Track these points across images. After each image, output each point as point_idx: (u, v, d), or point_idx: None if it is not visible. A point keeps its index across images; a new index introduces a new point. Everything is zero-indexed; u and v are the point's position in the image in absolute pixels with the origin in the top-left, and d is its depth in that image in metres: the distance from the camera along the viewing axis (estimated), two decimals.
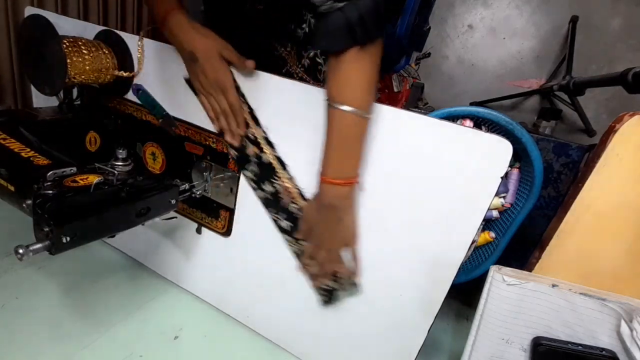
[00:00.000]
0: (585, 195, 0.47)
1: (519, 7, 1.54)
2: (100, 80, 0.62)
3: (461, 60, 1.66)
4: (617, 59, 1.44)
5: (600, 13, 1.43)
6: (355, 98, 0.44)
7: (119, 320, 0.62)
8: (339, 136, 0.46)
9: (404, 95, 1.16)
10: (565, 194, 0.59)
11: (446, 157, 0.45)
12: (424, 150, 0.46)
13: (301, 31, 0.73)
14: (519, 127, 0.60)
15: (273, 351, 0.64)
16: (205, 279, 0.69)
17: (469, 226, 0.46)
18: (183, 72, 0.57)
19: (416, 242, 0.49)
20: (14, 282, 0.65)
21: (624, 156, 0.45)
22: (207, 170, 0.62)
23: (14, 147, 0.50)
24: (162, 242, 0.72)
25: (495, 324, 0.50)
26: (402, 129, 0.47)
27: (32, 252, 0.38)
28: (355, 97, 0.44)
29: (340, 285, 0.55)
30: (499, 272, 0.49)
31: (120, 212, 0.47)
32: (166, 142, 0.65)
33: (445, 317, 0.79)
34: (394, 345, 0.55)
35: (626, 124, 0.45)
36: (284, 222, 0.57)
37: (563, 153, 0.70)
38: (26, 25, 0.59)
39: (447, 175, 0.45)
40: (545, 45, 1.53)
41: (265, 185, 0.57)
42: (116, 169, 0.55)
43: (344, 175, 0.48)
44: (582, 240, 0.49)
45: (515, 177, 0.68)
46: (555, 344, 0.48)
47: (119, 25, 1.20)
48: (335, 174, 0.47)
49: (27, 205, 0.42)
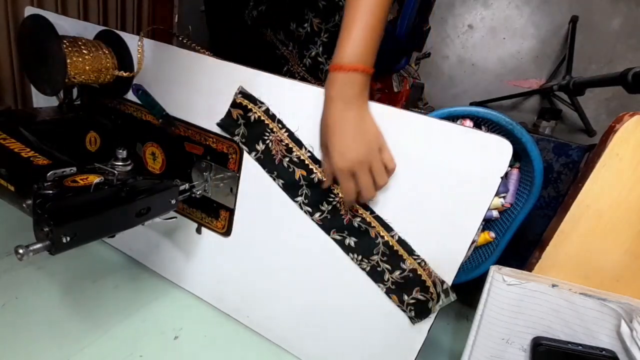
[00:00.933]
0: (585, 195, 0.47)
1: (519, 7, 1.54)
2: (100, 80, 0.62)
3: (461, 60, 1.66)
4: (617, 59, 1.44)
5: (600, 13, 1.43)
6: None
7: (119, 320, 0.62)
8: (367, 8, 0.42)
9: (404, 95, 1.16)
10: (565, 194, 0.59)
11: (446, 157, 0.45)
12: (423, 150, 0.46)
13: (303, 30, 0.73)
14: (519, 127, 0.60)
15: (273, 351, 0.64)
16: (205, 279, 0.69)
17: (469, 226, 0.46)
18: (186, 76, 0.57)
19: (416, 242, 0.49)
20: (14, 282, 0.65)
21: (624, 156, 0.45)
22: (207, 170, 0.62)
23: (14, 147, 0.50)
24: (162, 242, 0.72)
25: (495, 324, 0.50)
26: (402, 129, 0.47)
27: (32, 252, 0.38)
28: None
29: (428, 295, 0.50)
30: (499, 272, 0.49)
31: (120, 212, 0.47)
32: (166, 142, 0.65)
33: (445, 317, 0.79)
34: (394, 345, 0.55)
35: (626, 124, 0.45)
36: (349, 239, 0.53)
37: (563, 153, 0.70)
38: (26, 25, 0.59)
39: (446, 175, 0.45)
40: (545, 45, 1.53)
41: (323, 206, 0.54)
42: (116, 169, 0.55)
43: (364, 60, 0.43)
44: (582, 240, 0.49)
45: (515, 177, 0.68)
46: (555, 344, 0.48)
47: (119, 25, 1.20)
48: (355, 58, 0.43)
49: (27, 205, 0.42)
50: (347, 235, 0.53)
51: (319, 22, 0.71)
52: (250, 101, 0.55)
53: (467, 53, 1.64)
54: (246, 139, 0.56)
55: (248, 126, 0.56)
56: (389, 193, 0.49)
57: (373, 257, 0.52)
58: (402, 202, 0.49)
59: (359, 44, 0.43)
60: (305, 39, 0.74)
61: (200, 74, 0.58)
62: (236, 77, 0.55)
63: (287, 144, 0.53)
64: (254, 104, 0.54)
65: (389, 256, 0.51)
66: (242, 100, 0.55)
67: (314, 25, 0.72)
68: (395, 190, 0.49)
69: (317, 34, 0.72)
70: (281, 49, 0.77)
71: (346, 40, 0.43)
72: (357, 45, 0.43)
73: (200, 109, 0.60)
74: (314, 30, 0.72)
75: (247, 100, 0.55)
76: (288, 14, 0.73)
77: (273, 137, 0.54)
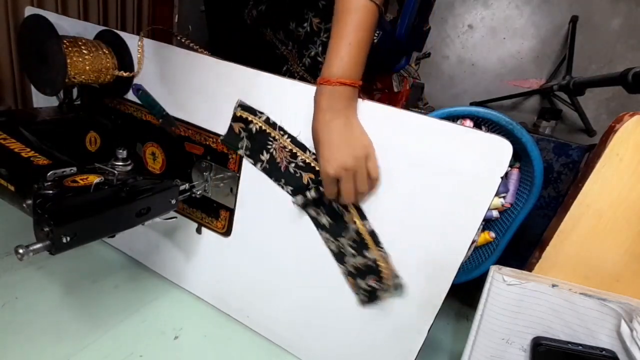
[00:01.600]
0: (585, 195, 0.47)
1: (519, 7, 1.54)
2: (100, 80, 0.62)
3: (461, 60, 1.66)
4: (617, 59, 1.44)
5: (600, 13, 1.43)
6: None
7: (119, 320, 0.62)
8: (353, 27, 0.43)
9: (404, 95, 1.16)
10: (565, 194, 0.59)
11: (446, 157, 0.45)
12: (423, 150, 0.46)
13: (302, 30, 0.73)
14: (519, 127, 0.60)
15: (273, 351, 0.64)
16: (205, 279, 0.69)
17: (469, 226, 0.46)
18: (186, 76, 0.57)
19: (416, 242, 0.49)
20: (14, 282, 0.65)
21: (624, 156, 0.45)
22: (207, 170, 0.62)
23: (14, 147, 0.50)
24: (162, 242, 0.72)
25: (495, 324, 0.50)
26: (402, 129, 0.47)
27: (32, 252, 0.38)
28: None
29: (382, 285, 0.52)
30: (499, 272, 0.49)
31: (120, 212, 0.47)
32: (166, 142, 0.65)
33: (445, 317, 0.79)
34: (394, 345, 0.55)
35: (626, 124, 0.45)
36: (323, 218, 0.54)
37: (563, 153, 0.70)
38: (26, 25, 0.59)
39: (446, 175, 0.45)
40: (545, 45, 1.53)
41: (327, 209, 0.53)
42: (116, 169, 0.55)
43: (349, 75, 0.44)
44: (582, 240, 0.49)
45: (515, 177, 0.68)
46: (555, 344, 0.48)
47: (119, 25, 1.20)
48: (342, 73, 0.44)
49: (27, 205, 0.42)
50: (322, 213, 0.54)
51: (319, 22, 0.71)
52: (250, 113, 0.55)
53: (467, 53, 1.64)
54: (250, 151, 0.57)
55: (251, 138, 0.56)
56: (390, 193, 0.49)
57: (341, 239, 0.54)
58: (402, 202, 0.49)
59: (346, 59, 0.44)
60: (305, 38, 0.74)
61: (200, 74, 0.58)
62: (236, 77, 0.55)
63: (291, 149, 0.53)
64: (254, 115, 0.55)
65: (358, 243, 0.53)
66: (242, 113, 0.55)
67: (313, 25, 0.72)
68: (395, 190, 0.49)
69: (316, 33, 0.73)
70: (281, 48, 0.77)
71: (334, 55, 0.44)
72: (345, 61, 0.44)
73: (200, 109, 0.60)
74: (314, 30, 0.72)
75: (247, 113, 0.55)
76: (288, 14, 0.73)
77: (276, 145, 0.54)
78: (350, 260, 0.53)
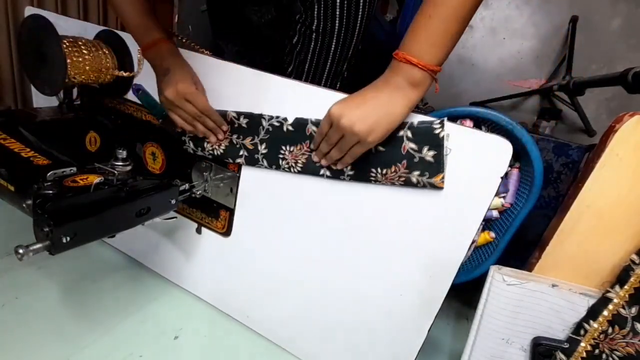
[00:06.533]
0: (585, 195, 0.47)
1: (519, 7, 1.54)
2: (100, 80, 0.62)
3: (461, 60, 1.66)
4: (617, 59, 1.44)
5: (600, 13, 1.43)
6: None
7: (119, 320, 0.62)
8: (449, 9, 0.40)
9: None
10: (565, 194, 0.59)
11: (446, 157, 0.45)
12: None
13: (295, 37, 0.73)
14: (519, 127, 0.60)
15: (273, 351, 0.64)
16: (205, 279, 0.69)
17: (469, 226, 0.46)
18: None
19: (416, 242, 0.49)
20: (14, 282, 0.65)
21: (624, 156, 0.45)
22: (207, 170, 0.62)
23: (14, 147, 0.50)
24: (162, 242, 0.72)
25: (495, 324, 0.50)
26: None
27: (32, 252, 0.38)
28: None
29: None
30: (499, 272, 0.49)
31: (120, 212, 0.47)
32: (166, 142, 0.65)
33: (445, 317, 0.79)
34: (394, 345, 0.55)
35: (626, 124, 0.45)
36: None
37: (563, 153, 0.70)
38: (26, 25, 0.59)
39: (447, 175, 0.45)
40: (545, 45, 1.52)
41: None
42: (116, 169, 0.55)
43: (432, 59, 0.41)
44: (582, 240, 0.49)
45: (515, 177, 0.68)
46: (555, 344, 0.48)
47: (119, 25, 1.20)
48: (423, 55, 0.41)
49: (27, 205, 0.42)
50: None
51: None
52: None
53: (467, 53, 1.64)
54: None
55: None
56: (390, 192, 0.49)
57: None
58: (402, 202, 0.49)
59: (439, 47, 0.42)
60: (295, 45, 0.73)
61: (200, 73, 0.58)
62: (237, 77, 0.55)
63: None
64: None
65: None
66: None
67: None
68: (395, 190, 0.49)
69: None
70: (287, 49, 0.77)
71: (424, 37, 0.41)
72: (436, 48, 0.42)
73: None
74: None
75: None
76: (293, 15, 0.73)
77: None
78: None
